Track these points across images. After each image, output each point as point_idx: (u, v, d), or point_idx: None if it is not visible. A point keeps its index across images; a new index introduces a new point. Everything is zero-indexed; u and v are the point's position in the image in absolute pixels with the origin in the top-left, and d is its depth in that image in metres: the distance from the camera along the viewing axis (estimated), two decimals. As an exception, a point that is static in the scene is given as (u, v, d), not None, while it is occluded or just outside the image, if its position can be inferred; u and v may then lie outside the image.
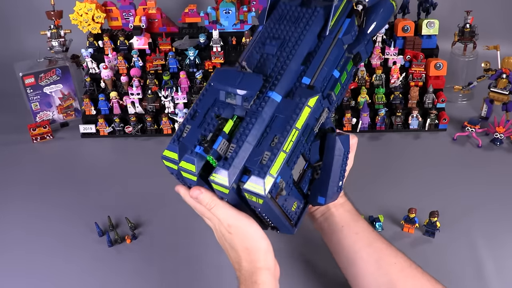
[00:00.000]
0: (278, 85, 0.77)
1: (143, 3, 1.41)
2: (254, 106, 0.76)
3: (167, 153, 0.76)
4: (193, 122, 0.77)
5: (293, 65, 0.79)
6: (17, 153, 1.38)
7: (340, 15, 0.84)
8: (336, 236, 0.87)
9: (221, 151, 0.73)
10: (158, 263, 1.01)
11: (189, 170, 0.74)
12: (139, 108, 1.41)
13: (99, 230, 1.07)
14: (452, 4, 1.64)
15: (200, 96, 0.81)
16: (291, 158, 0.75)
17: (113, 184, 1.23)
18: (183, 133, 0.77)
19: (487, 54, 1.42)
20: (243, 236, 0.76)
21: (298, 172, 0.80)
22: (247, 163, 0.73)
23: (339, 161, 0.81)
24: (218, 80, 0.76)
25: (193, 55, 1.37)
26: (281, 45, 0.81)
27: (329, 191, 0.81)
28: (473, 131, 1.33)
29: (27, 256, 1.04)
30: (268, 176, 0.71)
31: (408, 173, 1.22)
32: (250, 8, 1.40)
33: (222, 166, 0.72)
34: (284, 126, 0.74)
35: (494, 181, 1.18)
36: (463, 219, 1.07)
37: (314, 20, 0.82)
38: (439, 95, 1.36)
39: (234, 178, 0.72)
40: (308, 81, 0.80)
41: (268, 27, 0.85)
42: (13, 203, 1.19)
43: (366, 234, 0.85)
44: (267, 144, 0.73)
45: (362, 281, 0.82)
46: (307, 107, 0.76)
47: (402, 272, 0.80)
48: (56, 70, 1.43)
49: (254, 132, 0.74)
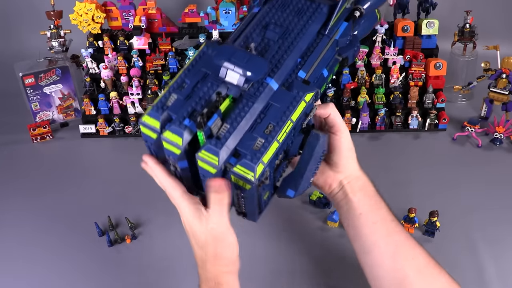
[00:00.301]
0: (277, 73, 0.76)
1: (143, 3, 1.41)
2: (252, 90, 0.74)
3: (147, 119, 0.72)
4: (180, 93, 0.74)
5: (293, 56, 0.79)
6: (17, 153, 1.38)
7: (339, 17, 0.85)
8: (353, 223, 0.83)
9: (214, 128, 0.70)
10: (158, 263, 1.01)
11: (175, 143, 0.71)
12: (139, 108, 1.41)
13: (99, 230, 1.07)
14: (452, 4, 1.64)
15: (189, 66, 0.77)
16: (281, 149, 0.74)
17: (113, 184, 1.23)
18: (167, 102, 0.73)
19: (487, 54, 1.42)
20: (220, 246, 0.74)
21: (276, 163, 0.79)
22: (239, 146, 0.71)
23: (317, 158, 0.81)
24: (223, 56, 0.72)
25: (193, 55, 1.37)
26: (283, 34, 0.80)
27: (301, 186, 0.81)
28: (473, 131, 1.33)
29: (27, 256, 1.04)
30: (260, 163, 0.70)
31: (408, 173, 1.22)
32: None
33: (214, 145, 0.69)
34: (280, 116, 0.73)
35: (494, 181, 1.18)
36: (463, 219, 1.07)
37: (317, 16, 0.82)
38: (439, 95, 1.36)
39: (225, 159, 0.70)
40: (303, 75, 0.80)
41: (269, 11, 0.83)
42: (13, 203, 1.19)
43: (385, 225, 0.81)
44: (261, 130, 0.72)
45: (376, 272, 0.80)
46: (303, 101, 0.76)
47: (418, 270, 0.77)
48: (56, 70, 1.43)
49: (249, 116, 0.73)
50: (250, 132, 0.72)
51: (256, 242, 1.03)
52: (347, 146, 0.84)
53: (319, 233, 1.06)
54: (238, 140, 0.71)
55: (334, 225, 1.06)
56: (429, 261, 0.78)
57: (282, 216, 1.08)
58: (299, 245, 1.03)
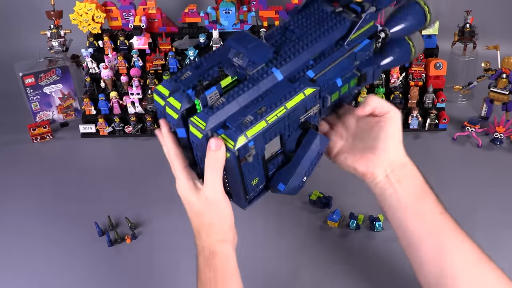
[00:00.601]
0: (284, 66, 0.81)
1: (143, 3, 1.41)
2: (256, 75, 0.79)
3: (160, 88, 0.79)
4: (195, 71, 0.81)
5: (305, 55, 0.83)
6: (17, 153, 1.38)
7: (362, 33, 0.89)
8: (398, 215, 0.78)
9: (210, 99, 0.76)
10: (158, 263, 1.01)
11: (174, 107, 0.77)
12: (139, 108, 1.41)
13: (99, 230, 1.08)
14: (452, 4, 1.64)
15: (210, 52, 0.86)
16: (270, 131, 0.78)
17: (113, 184, 1.23)
18: (182, 76, 0.80)
19: (487, 54, 1.42)
20: (214, 212, 0.76)
21: (271, 152, 0.82)
22: (229, 119, 0.76)
23: (311, 156, 0.83)
24: (234, 39, 0.80)
25: (193, 55, 1.37)
26: (301, 35, 0.85)
27: (292, 181, 0.83)
28: (473, 131, 1.33)
29: (27, 255, 1.04)
30: (243, 135, 0.74)
31: (408, 173, 1.21)
32: (250, 8, 1.40)
33: (205, 112, 0.75)
34: (275, 101, 0.78)
35: (494, 181, 1.18)
36: (463, 219, 1.06)
37: (338, 27, 0.87)
38: (439, 95, 1.36)
39: (212, 126, 0.75)
40: (312, 75, 0.84)
41: (295, 18, 0.89)
42: (13, 203, 1.20)
43: (433, 218, 0.76)
44: (253, 110, 0.77)
45: (423, 269, 0.75)
46: (302, 93, 0.79)
47: (467, 267, 0.72)
48: (56, 70, 1.43)
49: (246, 96, 0.77)
50: (244, 109, 0.76)
51: (256, 242, 1.03)
52: (393, 128, 0.79)
53: (319, 233, 1.06)
54: (229, 114, 0.76)
55: (334, 225, 1.06)
56: (480, 257, 0.72)
57: (282, 216, 1.08)
58: (299, 245, 1.03)
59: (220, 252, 0.77)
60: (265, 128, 0.76)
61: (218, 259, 0.76)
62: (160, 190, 1.15)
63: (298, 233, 1.06)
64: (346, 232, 1.06)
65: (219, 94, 0.77)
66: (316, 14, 0.91)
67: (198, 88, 0.76)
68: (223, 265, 0.77)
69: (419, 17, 0.95)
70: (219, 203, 0.75)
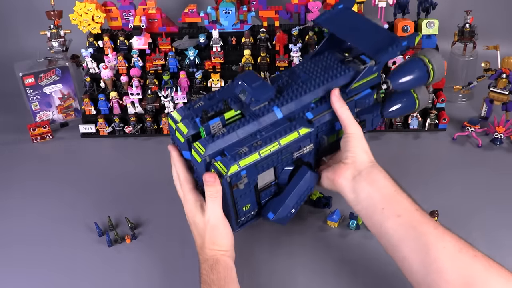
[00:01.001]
0: (285, 105, 0.90)
1: (143, 3, 1.41)
2: (258, 111, 0.88)
3: (174, 113, 0.91)
4: (208, 102, 0.91)
5: (307, 98, 0.92)
6: (17, 153, 1.38)
7: (365, 83, 0.96)
8: (376, 219, 0.81)
9: (213, 128, 0.85)
10: (158, 263, 1.01)
11: (182, 132, 0.88)
12: (139, 108, 1.41)
13: (99, 230, 1.08)
14: (452, 4, 1.64)
15: (224, 86, 0.98)
16: (262, 163, 0.86)
17: (113, 184, 1.23)
18: (195, 105, 0.91)
19: (487, 54, 1.42)
20: (216, 233, 0.85)
21: (264, 182, 0.91)
22: (227, 148, 0.85)
23: (301, 191, 0.93)
24: (242, 77, 0.90)
25: (193, 55, 1.37)
26: (306, 79, 0.95)
27: (281, 211, 0.92)
28: (473, 131, 1.33)
29: (27, 256, 1.04)
30: (236, 164, 0.82)
31: (408, 173, 1.21)
32: (250, 8, 1.40)
33: (206, 140, 0.85)
34: (271, 136, 0.86)
35: (494, 181, 1.18)
36: (463, 219, 1.07)
37: (343, 75, 0.95)
38: (439, 95, 1.36)
39: (210, 153, 0.84)
40: (311, 116, 0.92)
41: (304, 63, 1.00)
42: (12, 203, 1.20)
43: (410, 216, 0.79)
44: (249, 142, 0.85)
45: (408, 267, 0.77)
46: (296, 132, 0.88)
47: (451, 258, 0.72)
48: (56, 70, 1.43)
49: (246, 129, 0.86)
50: (241, 141, 0.86)
51: (256, 243, 1.03)
52: (357, 140, 0.89)
53: (319, 233, 1.06)
54: (228, 144, 0.85)
55: (334, 225, 1.06)
56: (462, 246, 0.73)
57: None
58: (298, 245, 1.03)
59: (223, 261, 0.84)
60: (257, 160, 0.85)
61: (221, 266, 0.83)
62: (160, 190, 1.15)
63: (298, 233, 1.06)
64: (346, 232, 1.06)
65: (222, 124, 0.86)
66: (325, 61, 1.00)
67: (202, 116, 0.85)
68: (225, 271, 0.83)
69: (422, 73, 1.00)
70: (219, 226, 0.86)
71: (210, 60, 1.38)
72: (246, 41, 1.38)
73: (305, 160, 0.94)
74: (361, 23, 1.01)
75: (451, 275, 0.71)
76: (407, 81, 0.99)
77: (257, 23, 1.43)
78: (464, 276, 0.70)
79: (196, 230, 0.88)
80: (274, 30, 1.41)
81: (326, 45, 1.03)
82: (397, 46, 0.93)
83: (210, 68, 1.39)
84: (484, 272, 0.70)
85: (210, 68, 1.39)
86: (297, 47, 1.35)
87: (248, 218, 0.94)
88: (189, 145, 0.88)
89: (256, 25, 1.42)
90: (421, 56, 1.00)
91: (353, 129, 0.89)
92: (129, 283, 0.97)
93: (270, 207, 0.93)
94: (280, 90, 0.93)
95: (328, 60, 1.00)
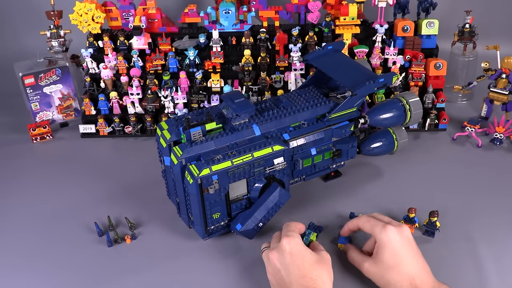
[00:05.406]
0: (264, 124, 0.99)
1: (143, 3, 1.41)
2: (238, 126, 0.97)
3: (162, 123, 1.01)
4: (195, 116, 1.00)
5: (285, 120, 1.01)
6: (17, 153, 1.38)
7: (343, 115, 1.06)
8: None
9: (193, 136, 0.94)
10: (158, 263, 1.01)
11: (165, 137, 0.97)
12: (139, 108, 1.41)
13: (99, 230, 1.08)
14: (452, 4, 1.64)
15: (213, 106, 1.08)
16: (234, 171, 0.93)
17: (113, 184, 1.23)
18: (184, 118, 0.99)
19: (487, 54, 1.42)
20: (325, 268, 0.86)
21: (236, 194, 0.98)
22: (203, 155, 0.93)
23: (269, 205, 0.98)
24: (227, 95, 1.00)
25: (193, 55, 1.37)
26: (288, 105, 1.04)
27: (248, 223, 0.97)
28: (473, 131, 1.33)
29: (27, 256, 1.04)
30: (208, 168, 0.90)
31: (408, 173, 1.22)
32: (250, 8, 1.40)
33: (185, 145, 0.93)
34: (245, 149, 0.94)
35: (494, 181, 1.18)
36: (463, 218, 1.07)
37: (323, 105, 1.05)
38: (439, 95, 1.36)
39: (187, 156, 0.92)
40: (287, 137, 1.01)
41: (291, 94, 1.10)
42: (12, 203, 1.20)
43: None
44: (225, 151, 0.93)
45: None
46: (270, 148, 0.95)
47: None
48: (56, 70, 1.43)
49: (224, 140, 0.95)
50: (217, 150, 0.94)
51: (256, 244, 1.03)
52: (388, 254, 0.86)
53: (318, 234, 1.06)
54: (204, 151, 0.93)
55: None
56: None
57: (283, 218, 1.08)
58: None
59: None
60: (229, 167, 0.91)
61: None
62: (160, 190, 1.15)
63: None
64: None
65: (202, 134, 0.94)
66: (309, 92, 1.10)
67: (184, 124, 0.93)
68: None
69: (400, 113, 1.10)
70: (327, 262, 0.88)
71: (210, 60, 1.38)
72: (246, 41, 1.38)
73: (277, 177, 1.00)
74: (346, 62, 1.12)
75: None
76: (384, 118, 1.08)
77: (257, 23, 1.43)
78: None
79: (305, 262, 0.86)
80: (274, 30, 1.41)
81: (312, 80, 1.13)
82: (374, 81, 1.03)
83: (210, 68, 1.39)
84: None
85: (210, 68, 1.39)
86: (297, 47, 1.35)
87: (217, 228, 1.00)
88: (170, 150, 0.96)
89: (256, 25, 1.42)
90: (400, 98, 1.09)
91: (379, 235, 0.88)
92: (129, 283, 0.97)
93: (239, 219, 0.99)
94: (261, 110, 1.01)
95: (312, 92, 1.10)
